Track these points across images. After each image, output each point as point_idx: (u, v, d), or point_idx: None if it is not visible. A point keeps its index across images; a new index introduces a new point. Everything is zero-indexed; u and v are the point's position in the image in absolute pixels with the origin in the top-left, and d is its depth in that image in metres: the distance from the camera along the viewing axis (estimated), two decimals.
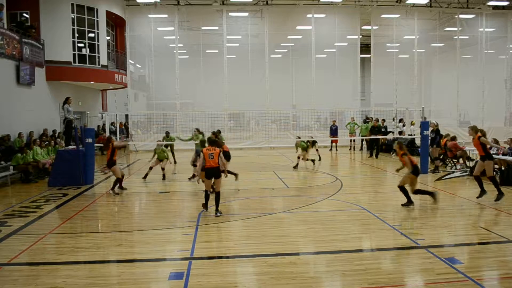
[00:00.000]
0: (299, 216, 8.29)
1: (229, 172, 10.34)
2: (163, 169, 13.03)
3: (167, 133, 17.14)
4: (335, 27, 23.05)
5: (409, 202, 8.81)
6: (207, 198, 8.38)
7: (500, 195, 8.93)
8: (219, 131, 13.49)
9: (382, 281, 5.03)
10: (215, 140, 8.64)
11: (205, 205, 8.42)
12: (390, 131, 19.65)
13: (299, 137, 15.79)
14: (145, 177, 12.80)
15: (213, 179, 8.36)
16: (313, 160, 15.05)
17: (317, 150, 16.29)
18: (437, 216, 8.28)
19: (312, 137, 16.37)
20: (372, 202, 9.50)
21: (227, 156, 11.11)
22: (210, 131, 14.68)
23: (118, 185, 10.92)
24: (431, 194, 8.98)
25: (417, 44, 23.75)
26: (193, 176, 12.36)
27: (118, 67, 22.29)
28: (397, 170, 9.63)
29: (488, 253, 6.04)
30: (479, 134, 9.07)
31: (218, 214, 8.12)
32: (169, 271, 5.45)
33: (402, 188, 8.85)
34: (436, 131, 13.68)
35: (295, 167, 14.65)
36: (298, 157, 14.68)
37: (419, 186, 9.17)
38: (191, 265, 5.61)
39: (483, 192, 9.18)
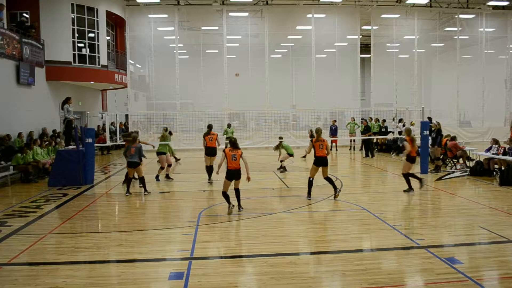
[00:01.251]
0: (299, 216, 8.29)
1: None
2: (170, 165, 13.19)
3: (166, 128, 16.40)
4: (335, 27, 23.03)
5: (410, 189, 10.00)
6: (227, 198, 8.26)
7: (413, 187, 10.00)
8: (212, 127, 13.91)
9: (382, 281, 5.03)
10: (236, 141, 8.50)
11: (230, 205, 8.22)
12: (390, 131, 19.65)
13: (281, 138, 15.37)
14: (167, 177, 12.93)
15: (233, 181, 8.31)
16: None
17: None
18: (437, 216, 8.29)
19: (281, 137, 15.75)
20: (372, 202, 9.50)
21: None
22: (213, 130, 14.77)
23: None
24: (419, 179, 10.08)
25: (417, 44, 23.73)
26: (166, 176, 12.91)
27: (118, 67, 22.29)
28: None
29: (488, 253, 6.04)
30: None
31: (241, 209, 8.39)
32: (169, 271, 5.46)
33: (405, 176, 10.05)
34: (438, 131, 13.65)
35: (283, 169, 13.82)
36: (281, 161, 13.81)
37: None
38: (191, 265, 5.61)
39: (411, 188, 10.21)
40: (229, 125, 20.30)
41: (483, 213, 8.32)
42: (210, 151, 12.01)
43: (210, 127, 12.38)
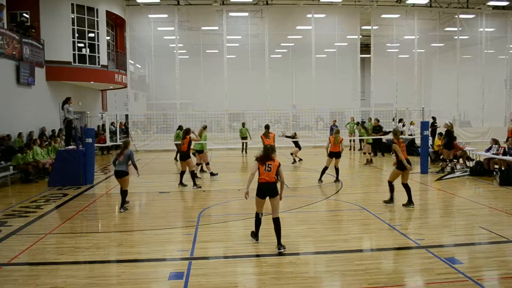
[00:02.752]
0: (299, 216, 8.29)
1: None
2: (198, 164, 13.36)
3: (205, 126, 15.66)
4: (335, 27, 23.03)
5: (391, 200, 8.96)
6: (258, 223, 6.49)
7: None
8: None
9: (382, 281, 5.03)
10: (274, 148, 6.53)
11: (255, 234, 6.53)
12: (389, 131, 19.62)
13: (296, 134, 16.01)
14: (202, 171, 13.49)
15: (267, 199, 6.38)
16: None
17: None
18: (437, 216, 8.29)
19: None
20: (372, 202, 9.50)
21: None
22: (212, 130, 14.88)
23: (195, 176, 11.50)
24: (391, 198, 8.95)
25: (417, 44, 23.73)
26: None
27: (118, 67, 22.29)
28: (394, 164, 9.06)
29: (488, 253, 6.04)
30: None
31: (282, 250, 6.04)
32: (169, 271, 5.46)
33: (390, 184, 8.99)
34: (449, 133, 13.19)
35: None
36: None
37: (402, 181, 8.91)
38: (191, 265, 5.61)
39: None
40: (243, 124, 19.92)
41: (483, 213, 8.31)
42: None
43: (267, 127, 13.27)
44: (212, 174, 13.04)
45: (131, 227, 7.76)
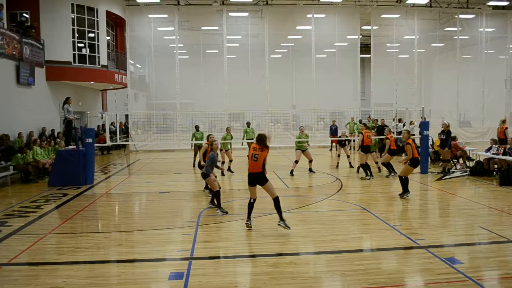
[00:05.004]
0: (299, 216, 8.29)
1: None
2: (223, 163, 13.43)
3: (197, 127, 15.79)
4: (335, 27, 23.05)
5: (405, 192, 9.51)
6: (250, 207, 7.15)
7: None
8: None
9: (382, 281, 5.03)
10: (263, 137, 7.00)
11: (248, 215, 7.14)
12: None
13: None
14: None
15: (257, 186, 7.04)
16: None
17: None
18: (437, 216, 8.29)
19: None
20: (372, 202, 9.50)
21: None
22: (211, 130, 14.86)
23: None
24: (405, 190, 9.58)
25: (417, 44, 23.74)
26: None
27: (118, 67, 22.29)
28: (401, 162, 10.13)
29: (488, 253, 6.04)
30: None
31: (283, 224, 6.84)
32: (169, 271, 5.45)
33: (401, 179, 9.59)
34: (448, 132, 13.18)
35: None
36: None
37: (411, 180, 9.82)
38: (191, 265, 5.61)
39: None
40: (248, 124, 18.05)
41: (483, 213, 8.31)
42: (365, 149, 13.08)
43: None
44: (229, 169, 13.93)
45: (131, 227, 7.76)
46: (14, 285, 5.08)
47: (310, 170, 13.77)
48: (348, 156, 15.35)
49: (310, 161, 13.80)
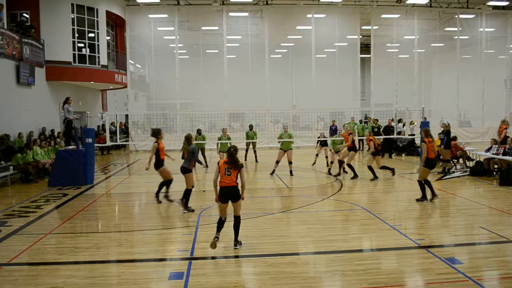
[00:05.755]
0: (299, 216, 8.29)
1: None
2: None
3: (199, 131, 15.48)
4: (335, 27, 23.03)
5: (424, 198, 9.06)
6: (220, 225, 6.28)
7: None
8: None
9: (382, 281, 5.03)
10: (235, 150, 6.29)
11: (216, 233, 6.21)
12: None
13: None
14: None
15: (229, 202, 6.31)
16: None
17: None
18: (437, 216, 8.28)
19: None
20: (372, 202, 9.50)
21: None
22: (211, 131, 14.83)
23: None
24: (433, 193, 9.05)
25: (417, 44, 23.73)
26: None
27: (118, 67, 22.29)
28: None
29: (488, 253, 6.04)
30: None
31: (238, 246, 6.27)
32: (169, 271, 5.46)
33: (420, 183, 9.06)
34: (447, 132, 13.17)
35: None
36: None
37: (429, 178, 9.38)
38: (191, 265, 5.61)
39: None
40: (251, 127, 17.23)
41: (483, 213, 8.31)
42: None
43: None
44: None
45: (131, 227, 7.76)
46: (14, 285, 5.08)
47: (291, 172, 13.21)
48: (326, 157, 14.71)
49: (290, 163, 13.26)
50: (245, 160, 17.24)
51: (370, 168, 12.21)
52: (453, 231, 7.23)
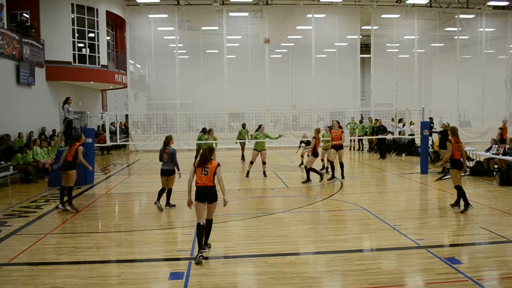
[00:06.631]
0: (299, 216, 8.29)
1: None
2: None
3: (205, 129, 15.25)
4: (335, 27, 23.04)
5: (457, 204, 8.46)
6: (200, 234, 5.86)
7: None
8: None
9: (382, 281, 5.03)
10: (212, 149, 6.11)
11: (199, 244, 5.84)
12: (389, 131, 19.62)
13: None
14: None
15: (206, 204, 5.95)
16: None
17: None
18: (437, 216, 8.28)
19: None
20: (372, 202, 9.50)
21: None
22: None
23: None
24: (465, 202, 8.28)
25: (417, 44, 23.75)
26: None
27: (118, 67, 22.28)
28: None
29: (488, 253, 6.04)
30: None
31: (207, 250, 5.93)
32: (169, 271, 5.46)
33: (458, 188, 8.40)
34: (442, 132, 13.02)
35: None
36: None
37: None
38: (191, 265, 5.61)
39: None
40: (243, 126, 17.87)
41: (483, 213, 8.31)
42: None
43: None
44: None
45: (131, 227, 7.76)
46: (14, 285, 5.08)
47: (264, 173, 12.97)
48: (301, 157, 14.42)
49: (264, 163, 12.99)
50: (243, 160, 17.24)
51: (312, 169, 11.68)
52: (453, 231, 7.23)
